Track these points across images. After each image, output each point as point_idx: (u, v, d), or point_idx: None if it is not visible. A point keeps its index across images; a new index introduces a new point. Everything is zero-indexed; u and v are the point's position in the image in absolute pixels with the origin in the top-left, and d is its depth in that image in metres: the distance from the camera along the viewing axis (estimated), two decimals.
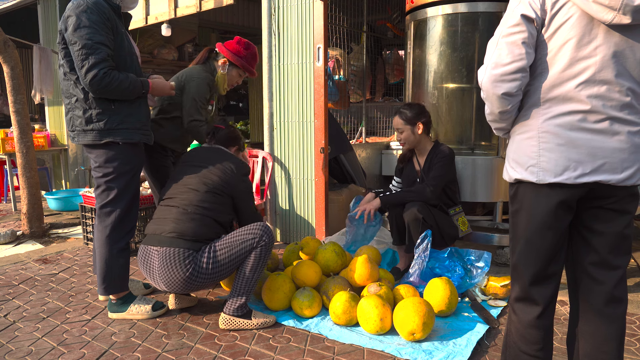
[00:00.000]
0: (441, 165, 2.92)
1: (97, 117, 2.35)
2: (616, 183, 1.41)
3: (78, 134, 2.40)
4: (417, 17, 3.63)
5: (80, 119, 2.37)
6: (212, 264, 2.28)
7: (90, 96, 2.34)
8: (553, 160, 1.43)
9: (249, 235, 2.31)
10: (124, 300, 2.52)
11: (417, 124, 2.96)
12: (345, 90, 4.70)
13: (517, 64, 1.41)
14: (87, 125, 2.36)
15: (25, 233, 4.24)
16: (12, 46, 4.16)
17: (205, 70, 2.92)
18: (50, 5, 5.90)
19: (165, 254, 2.28)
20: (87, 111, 2.35)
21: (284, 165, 3.78)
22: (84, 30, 2.23)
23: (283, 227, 3.88)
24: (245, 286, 2.33)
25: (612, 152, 1.39)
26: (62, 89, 2.44)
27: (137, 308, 2.51)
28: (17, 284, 3.03)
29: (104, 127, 2.35)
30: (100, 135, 2.36)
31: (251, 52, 2.98)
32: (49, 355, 2.14)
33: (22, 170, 4.26)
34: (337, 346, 2.19)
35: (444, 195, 3.01)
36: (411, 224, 2.83)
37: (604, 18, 1.32)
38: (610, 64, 1.36)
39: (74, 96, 2.37)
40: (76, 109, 2.38)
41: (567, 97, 1.40)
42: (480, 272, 2.69)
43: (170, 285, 2.31)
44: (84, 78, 2.25)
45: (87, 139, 2.38)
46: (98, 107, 2.35)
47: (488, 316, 2.42)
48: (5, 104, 8.01)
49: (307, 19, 3.52)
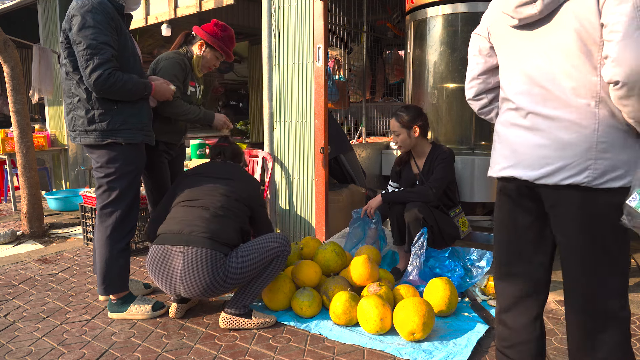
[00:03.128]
0: (443, 167, 2.92)
1: (99, 117, 2.34)
2: (532, 180, 1.39)
3: (80, 134, 2.39)
4: (417, 17, 3.63)
5: (83, 119, 2.36)
6: (241, 268, 2.26)
7: (93, 96, 2.33)
8: (494, 156, 1.55)
9: (274, 242, 2.36)
10: (124, 300, 2.52)
11: (413, 127, 2.95)
12: (345, 90, 4.70)
13: (470, 73, 1.64)
14: (89, 126, 2.35)
15: (25, 233, 4.24)
16: (12, 46, 4.16)
17: (177, 53, 2.91)
18: (50, 5, 5.90)
19: (196, 254, 2.19)
20: (89, 111, 2.35)
21: (284, 165, 3.78)
22: (88, 30, 2.22)
23: (283, 227, 3.88)
24: (253, 291, 2.36)
25: (531, 148, 1.39)
26: (64, 88, 2.43)
27: (137, 308, 2.50)
28: (17, 284, 3.03)
29: (107, 127, 2.35)
30: (103, 135, 2.36)
31: (228, 34, 2.98)
32: (49, 355, 2.14)
33: (22, 170, 4.25)
34: (337, 346, 2.19)
35: (444, 196, 3.01)
36: (412, 224, 2.83)
37: (510, 24, 1.44)
38: (529, 63, 1.40)
39: (77, 96, 2.36)
40: (78, 109, 2.37)
41: (505, 97, 1.49)
42: (481, 272, 2.69)
43: (192, 289, 2.22)
44: (88, 78, 2.25)
45: (89, 139, 2.37)
46: (101, 108, 2.34)
47: (488, 316, 2.42)
48: (5, 104, 8.01)
49: (307, 19, 3.52)
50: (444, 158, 2.93)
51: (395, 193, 2.97)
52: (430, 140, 3.09)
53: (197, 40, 2.95)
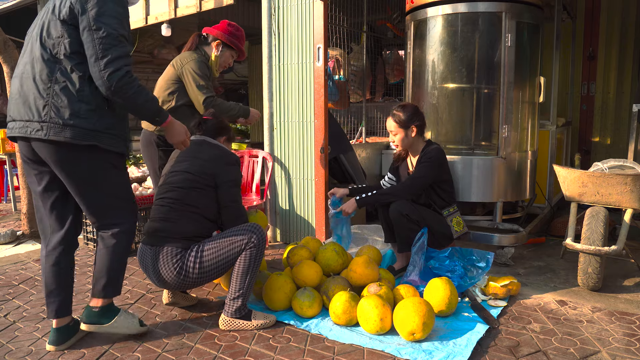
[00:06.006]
0: (425, 166, 2.89)
1: (86, 113, 1.99)
2: None
3: (52, 127, 1.96)
4: (417, 17, 3.62)
5: (65, 109, 1.96)
6: (199, 265, 2.28)
7: (87, 88, 2.00)
8: None
9: (237, 237, 2.29)
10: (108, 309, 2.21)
11: (410, 127, 2.93)
12: (345, 90, 4.70)
13: None
14: (70, 119, 1.97)
15: (25, 233, 4.24)
16: (12, 46, 4.16)
17: (198, 54, 3.00)
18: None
19: (156, 252, 2.31)
20: (75, 103, 1.98)
21: (284, 165, 3.78)
22: (110, 19, 1.96)
23: (283, 227, 3.88)
24: (240, 288, 2.32)
25: None
26: (37, 70, 2.00)
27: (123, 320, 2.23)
28: (17, 284, 3.03)
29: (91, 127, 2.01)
30: (83, 135, 1.99)
31: (241, 33, 3.11)
32: (49, 355, 2.14)
33: (22, 170, 4.26)
34: (337, 346, 2.19)
35: (435, 195, 2.98)
36: (395, 222, 2.83)
37: None
38: None
39: (63, 82, 1.98)
40: (61, 97, 1.97)
41: None
42: (481, 272, 2.69)
43: (163, 283, 2.35)
44: (102, 69, 1.94)
45: (64, 135, 1.97)
46: (91, 103, 2.00)
47: (488, 316, 2.42)
48: (5, 104, 8.00)
49: (307, 19, 3.52)
50: (429, 157, 2.90)
51: (368, 197, 2.93)
52: (425, 139, 3.06)
53: (211, 40, 3.02)
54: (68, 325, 2.22)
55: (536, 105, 3.67)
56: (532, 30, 3.53)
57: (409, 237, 2.76)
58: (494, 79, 3.44)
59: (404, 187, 2.86)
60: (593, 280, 2.73)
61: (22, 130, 1.99)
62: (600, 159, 3.22)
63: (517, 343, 2.18)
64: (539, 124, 3.87)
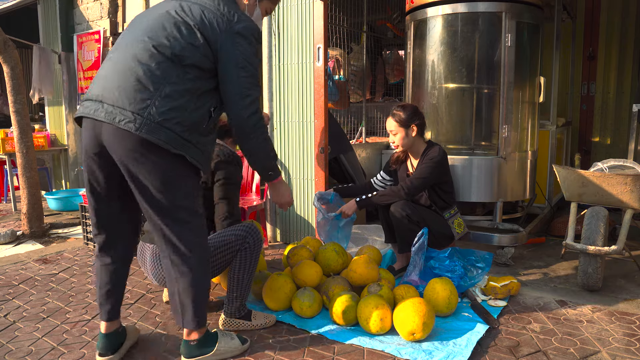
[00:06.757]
0: (426, 166, 2.88)
1: (188, 123, 1.85)
2: None
3: (146, 124, 1.77)
4: (417, 17, 3.63)
5: (168, 112, 1.80)
6: None
7: (196, 102, 1.88)
8: None
9: (232, 237, 2.26)
10: (207, 338, 2.05)
11: (411, 126, 2.92)
12: (345, 90, 4.70)
13: None
14: (168, 122, 1.80)
15: (25, 233, 4.24)
16: (12, 46, 4.16)
17: None
18: (50, 5, 5.90)
19: (154, 250, 2.32)
20: (181, 111, 1.83)
21: (284, 165, 3.78)
22: (255, 60, 1.98)
23: (283, 227, 3.88)
24: (238, 289, 2.30)
25: None
26: (157, 67, 1.82)
27: (226, 345, 2.08)
28: (17, 284, 3.03)
29: (186, 137, 1.86)
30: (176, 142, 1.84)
31: None
32: (49, 355, 2.14)
33: (22, 170, 4.26)
34: (337, 346, 2.19)
35: (435, 196, 2.98)
36: (396, 222, 2.82)
37: None
38: None
39: (176, 86, 1.83)
40: (168, 99, 1.81)
41: None
42: (481, 272, 2.69)
43: (161, 281, 2.36)
44: (245, 107, 1.94)
45: (158, 136, 1.79)
46: (194, 117, 1.87)
47: (488, 316, 2.42)
48: (5, 104, 8.02)
49: (307, 19, 3.53)
50: (431, 158, 2.88)
51: (368, 198, 2.92)
52: (425, 140, 3.06)
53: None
54: (117, 330, 2.10)
55: (536, 105, 3.67)
56: (532, 30, 3.53)
57: (410, 237, 2.76)
58: (494, 79, 3.44)
59: (405, 187, 2.86)
60: (593, 280, 2.73)
61: (108, 116, 1.78)
62: (600, 159, 3.22)
63: (517, 343, 2.18)
64: (539, 124, 3.87)
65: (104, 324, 2.07)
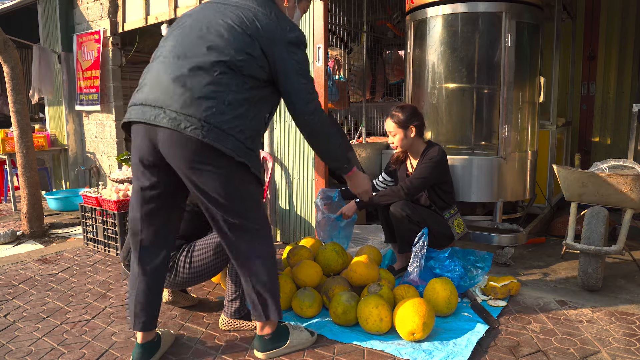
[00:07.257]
0: (426, 166, 2.88)
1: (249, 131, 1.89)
2: None
3: (212, 131, 1.79)
4: (417, 17, 3.62)
5: (233, 120, 1.83)
6: (189, 265, 2.27)
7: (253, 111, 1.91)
8: None
9: None
10: (280, 331, 2.11)
11: (409, 127, 2.91)
12: (345, 90, 4.69)
13: None
14: (232, 130, 1.82)
15: (25, 233, 4.24)
16: (12, 46, 4.16)
17: None
18: (50, 5, 5.90)
19: None
20: (243, 119, 1.86)
21: (284, 165, 3.78)
22: (308, 67, 2.04)
23: (283, 227, 3.88)
24: (236, 289, 2.31)
25: None
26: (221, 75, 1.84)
27: (298, 337, 2.14)
28: (17, 284, 3.03)
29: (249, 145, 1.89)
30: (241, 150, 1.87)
31: None
32: (49, 355, 2.14)
33: (22, 170, 4.26)
34: (337, 346, 2.19)
35: (435, 196, 2.98)
36: (396, 223, 2.82)
37: None
38: None
39: (236, 94, 1.86)
40: (231, 107, 1.83)
41: None
42: (481, 272, 2.69)
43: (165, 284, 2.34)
44: (311, 112, 1.99)
45: (225, 144, 1.81)
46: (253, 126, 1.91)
47: (488, 316, 2.42)
48: (5, 104, 8.01)
49: (307, 19, 3.52)
50: (431, 158, 2.88)
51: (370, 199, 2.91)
52: (425, 140, 3.06)
53: None
54: (152, 340, 2.07)
55: (536, 105, 3.67)
56: (532, 30, 3.53)
57: (410, 237, 2.76)
58: (494, 79, 3.44)
59: (405, 187, 2.85)
60: (593, 280, 2.73)
61: (172, 122, 1.77)
62: (600, 159, 3.22)
63: (517, 343, 2.18)
64: (539, 124, 3.87)
65: (140, 334, 2.02)
